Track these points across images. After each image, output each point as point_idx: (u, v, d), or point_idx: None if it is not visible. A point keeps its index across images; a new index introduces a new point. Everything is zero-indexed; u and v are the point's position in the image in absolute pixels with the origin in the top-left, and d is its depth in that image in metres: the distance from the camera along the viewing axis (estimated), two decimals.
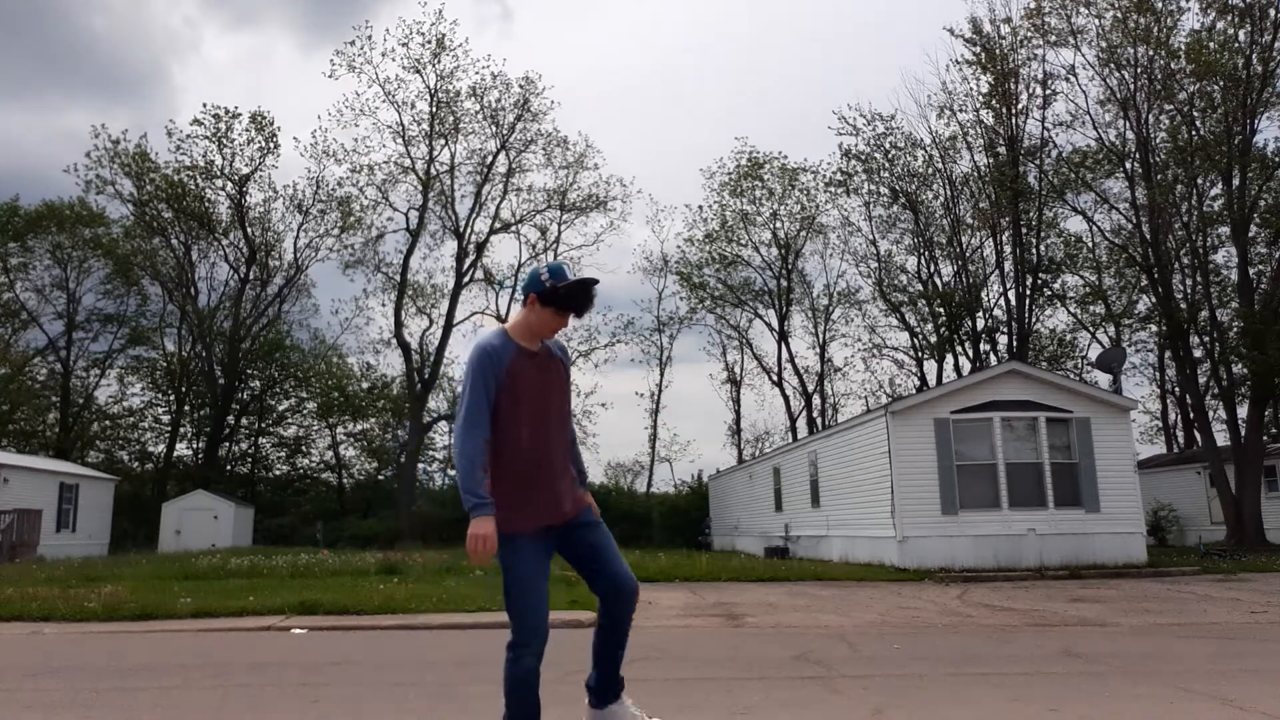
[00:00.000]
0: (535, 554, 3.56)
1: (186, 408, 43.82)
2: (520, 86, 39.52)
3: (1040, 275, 31.99)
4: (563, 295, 3.55)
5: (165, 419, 44.22)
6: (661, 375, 44.79)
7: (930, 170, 35.00)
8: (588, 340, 43.02)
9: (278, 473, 46.76)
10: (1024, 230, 31.13)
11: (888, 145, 35.19)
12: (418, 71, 38.96)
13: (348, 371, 46.15)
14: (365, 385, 45.60)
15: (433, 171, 39.48)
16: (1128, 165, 27.77)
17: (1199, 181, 26.62)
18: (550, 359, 3.69)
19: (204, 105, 66.19)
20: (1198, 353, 27.63)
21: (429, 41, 38.50)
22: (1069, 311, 35.98)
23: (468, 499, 3.33)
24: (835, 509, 19.74)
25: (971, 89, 31.84)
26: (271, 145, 41.12)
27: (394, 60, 62.38)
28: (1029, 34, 29.36)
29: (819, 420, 40.51)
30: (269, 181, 46.64)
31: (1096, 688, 5.35)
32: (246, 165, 41.15)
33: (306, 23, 79.96)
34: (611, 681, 3.79)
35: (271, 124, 40.91)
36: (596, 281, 3.62)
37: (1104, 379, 29.38)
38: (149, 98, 75.87)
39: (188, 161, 40.51)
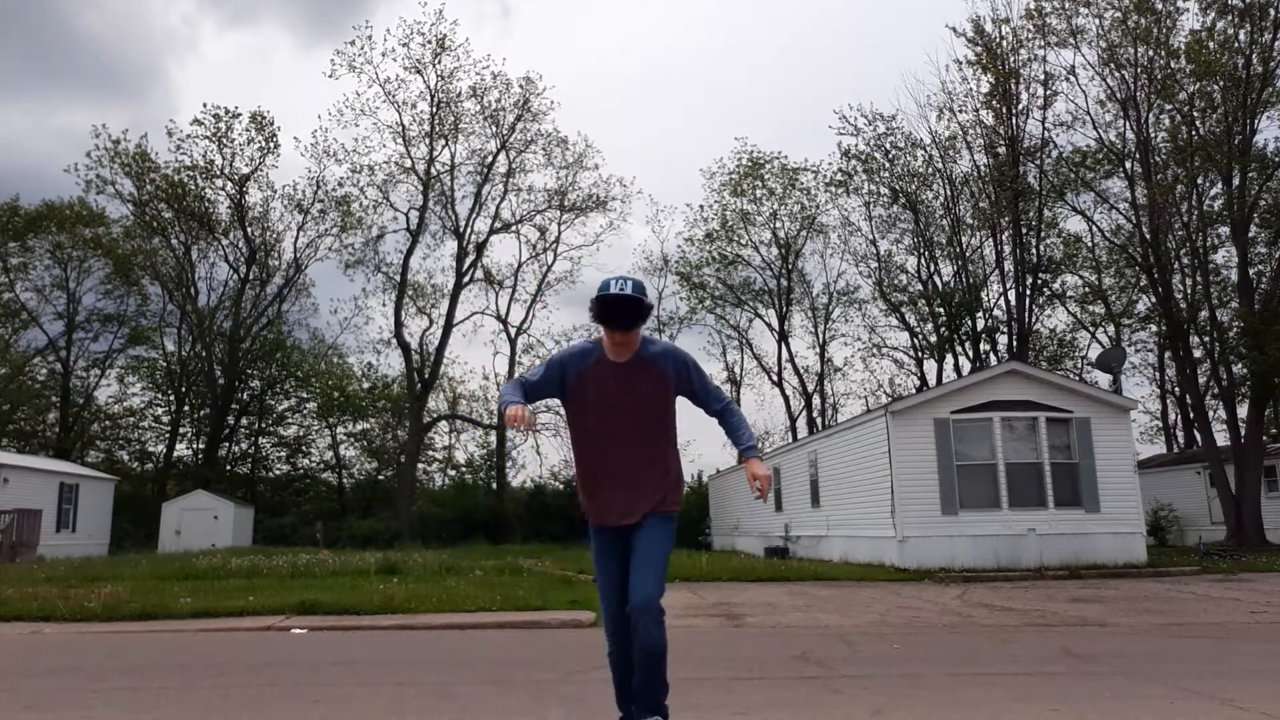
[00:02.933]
0: (605, 546, 3.81)
1: (186, 408, 43.83)
2: (520, 87, 39.58)
3: (1040, 275, 31.99)
4: (596, 316, 3.66)
5: (165, 419, 44.26)
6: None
7: (930, 170, 35.03)
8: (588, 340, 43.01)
9: (278, 473, 46.78)
10: (1024, 230, 31.12)
11: (888, 145, 35.23)
12: (418, 72, 39.00)
13: (348, 371, 46.18)
14: (365, 385, 45.64)
15: (433, 171, 39.51)
16: (1128, 165, 27.77)
17: (1199, 181, 26.61)
18: (641, 369, 3.73)
19: (204, 105, 66.30)
20: (1198, 353, 27.63)
21: (429, 42, 38.54)
22: (1069, 311, 36.00)
23: (500, 402, 3.67)
24: (835, 509, 19.74)
25: (972, 89, 31.85)
26: (271, 145, 41.19)
27: (394, 60, 62.42)
28: (1029, 34, 29.38)
29: (819, 420, 40.52)
30: (268, 181, 46.60)
31: (1096, 688, 5.35)
32: (246, 165, 41.22)
33: (304, 21, 79.99)
34: (641, 696, 3.64)
35: (271, 124, 40.98)
36: (616, 297, 3.59)
37: (1104, 379, 29.39)
38: (146, 96, 75.86)
39: (188, 161, 40.59)
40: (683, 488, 3.95)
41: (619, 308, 3.61)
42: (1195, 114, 26.00)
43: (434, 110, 39.10)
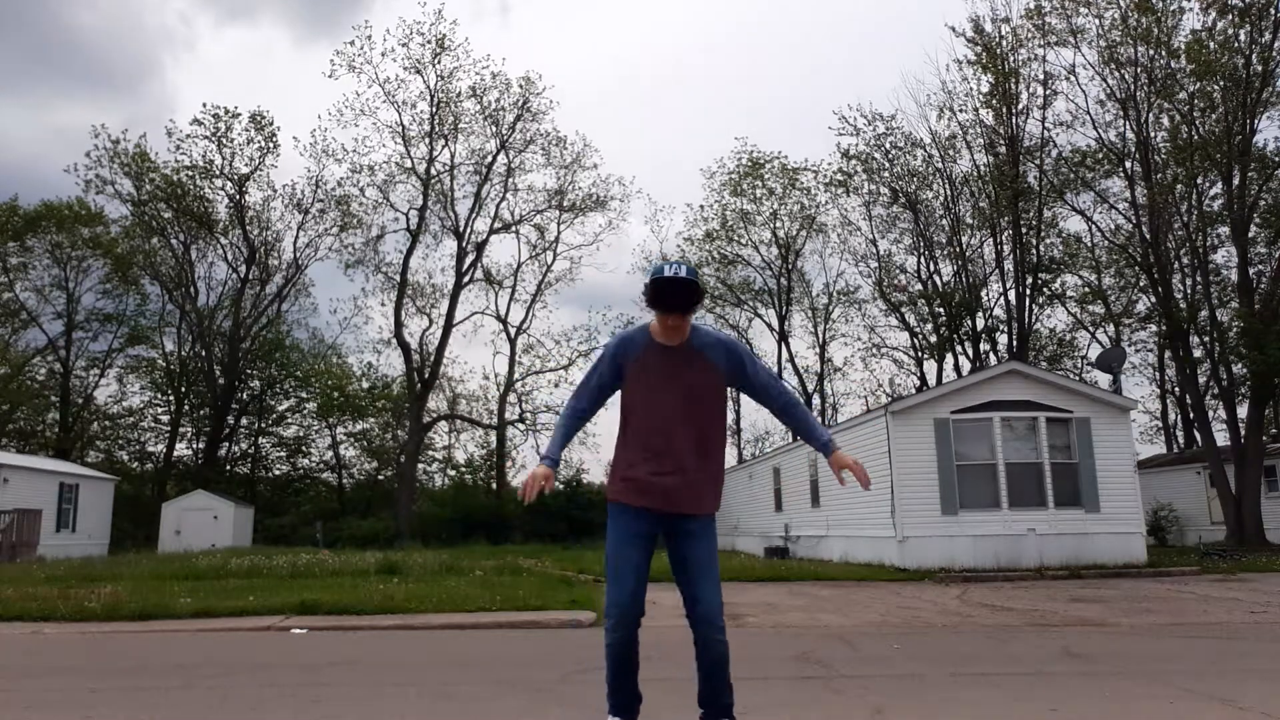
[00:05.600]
0: (630, 528, 3.67)
1: (186, 408, 43.81)
2: (520, 86, 39.64)
3: (1040, 275, 32.00)
4: (650, 299, 3.63)
5: (165, 419, 44.25)
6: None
7: (930, 170, 35.03)
8: (588, 340, 43.06)
9: (278, 473, 46.77)
10: (1024, 230, 31.12)
11: (888, 145, 35.23)
12: (418, 72, 39.04)
13: (348, 371, 46.18)
14: (365, 385, 45.64)
15: (433, 172, 39.54)
16: (1128, 165, 27.76)
17: (1199, 181, 26.61)
18: (692, 356, 3.70)
19: (203, 105, 66.33)
20: (1198, 353, 27.63)
21: (429, 42, 38.59)
22: (1069, 311, 36.01)
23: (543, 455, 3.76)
24: (835, 509, 19.73)
25: (972, 89, 31.86)
26: (271, 145, 41.25)
27: (394, 60, 62.61)
28: (1029, 33, 29.38)
29: (819, 420, 40.48)
30: (268, 181, 46.62)
31: (1096, 688, 5.35)
32: (246, 165, 41.26)
33: (302, 18, 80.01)
34: (710, 703, 3.73)
35: (271, 124, 41.08)
36: (671, 280, 3.58)
37: (1104, 379, 29.38)
38: (142, 93, 75.84)
39: (187, 161, 40.65)
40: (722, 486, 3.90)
41: (675, 291, 3.57)
42: (1195, 114, 25.99)
43: (434, 110, 39.17)
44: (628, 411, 3.74)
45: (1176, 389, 36.86)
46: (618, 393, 3.85)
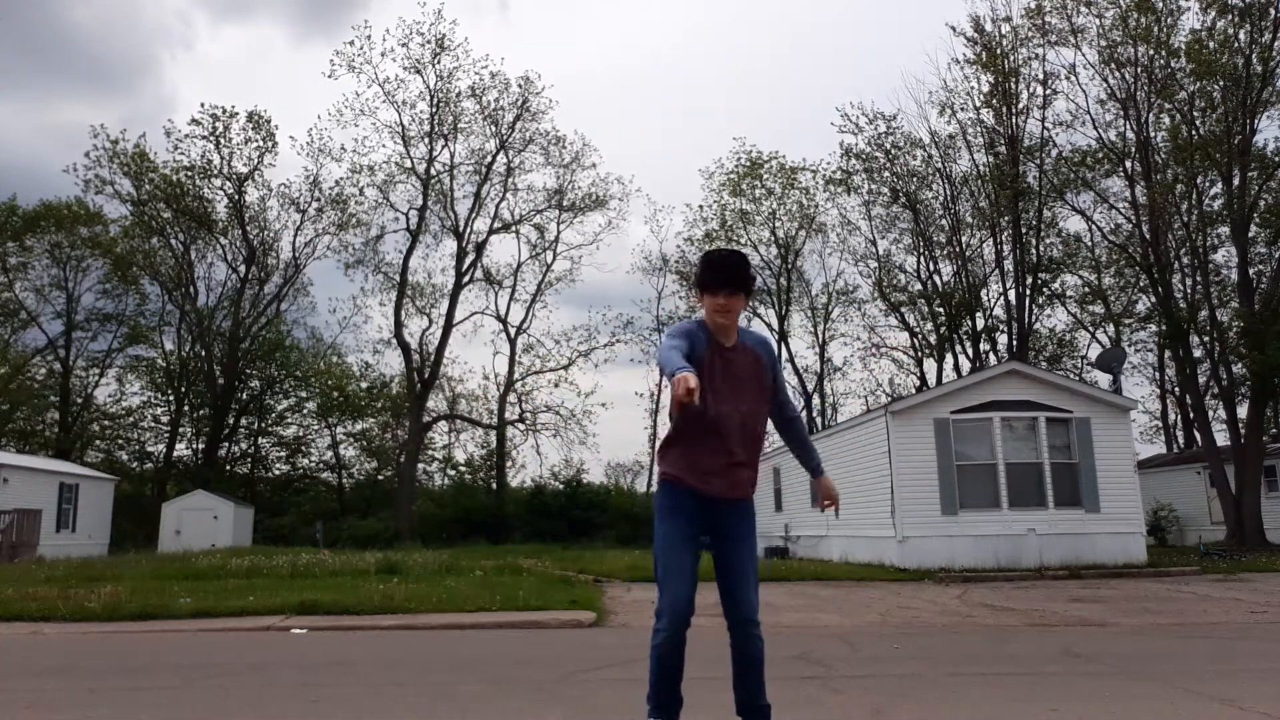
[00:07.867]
0: (683, 524, 3.73)
1: (186, 408, 43.78)
2: (519, 86, 39.67)
3: (1040, 275, 31.99)
4: (700, 279, 3.66)
5: (165, 419, 44.21)
6: (661, 375, 44.64)
7: (930, 169, 35.01)
8: (587, 340, 43.09)
9: (277, 473, 46.71)
10: (1024, 230, 31.11)
11: (888, 145, 35.21)
12: (418, 72, 39.07)
13: (347, 371, 46.16)
14: (365, 385, 45.62)
15: (432, 171, 39.56)
16: (1128, 165, 27.76)
17: (1199, 181, 26.62)
18: (742, 354, 3.74)
19: (201, 105, 66.40)
20: (1198, 353, 27.62)
21: (428, 41, 38.62)
22: (1068, 311, 36.00)
23: (669, 370, 3.35)
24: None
25: (972, 88, 31.84)
26: (270, 145, 41.25)
27: (394, 60, 62.58)
28: (1029, 33, 29.38)
29: (819, 420, 40.51)
30: (265, 181, 46.64)
31: (1096, 688, 5.35)
32: (244, 165, 41.25)
33: (299, 16, 79.97)
34: (748, 703, 3.78)
35: (269, 123, 41.09)
36: (721, 254, 3.66)
37: (1104, 379, 29.37)
38: (139, 91, 75.73)
39: (186, 161, 40.63)
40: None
41: (727, 262, 3.63)
42: (1195, 114, 25.99)
43: (433, 110, 39.21)
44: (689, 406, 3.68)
45: (1176, 389, 36.85)
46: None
